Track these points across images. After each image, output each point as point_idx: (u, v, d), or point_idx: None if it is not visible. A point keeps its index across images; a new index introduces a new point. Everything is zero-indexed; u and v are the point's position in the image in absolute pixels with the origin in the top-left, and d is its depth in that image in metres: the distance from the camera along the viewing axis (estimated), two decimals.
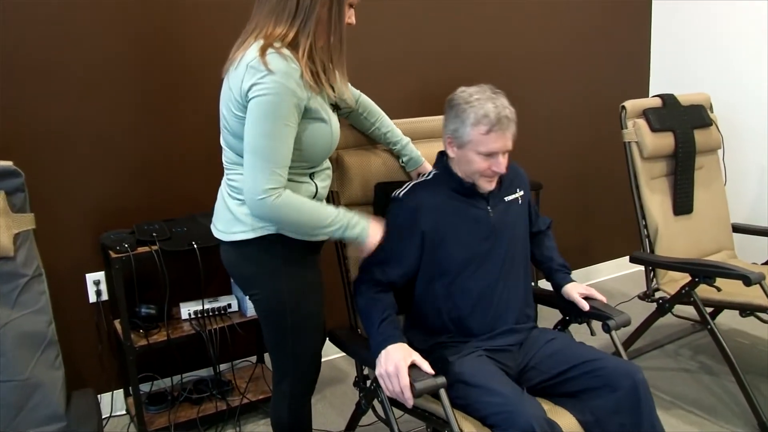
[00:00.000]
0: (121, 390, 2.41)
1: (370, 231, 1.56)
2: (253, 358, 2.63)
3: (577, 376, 1.55)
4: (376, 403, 1.70)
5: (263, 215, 1.47)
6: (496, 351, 1.66)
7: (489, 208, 1.70)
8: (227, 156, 1.55)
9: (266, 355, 2.59)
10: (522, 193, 1.79)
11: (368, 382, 1.74)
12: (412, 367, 1.45)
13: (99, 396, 2.34)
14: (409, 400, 1.42)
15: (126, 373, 2.30)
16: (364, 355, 1.62)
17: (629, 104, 2.59)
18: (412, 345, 1.52)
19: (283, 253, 1.54)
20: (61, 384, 1.65)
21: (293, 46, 1.45)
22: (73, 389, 1.70)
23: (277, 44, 1.42)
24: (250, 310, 2.28)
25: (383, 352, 1.48)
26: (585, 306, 1.70)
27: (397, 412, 1.63)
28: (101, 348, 2.34)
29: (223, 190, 1.59)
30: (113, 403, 2.38)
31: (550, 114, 3.26)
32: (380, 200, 1.83)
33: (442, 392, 1.45)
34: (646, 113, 2.58)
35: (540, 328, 1.78)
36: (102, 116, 2.23)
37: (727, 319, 2.93)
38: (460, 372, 1.55)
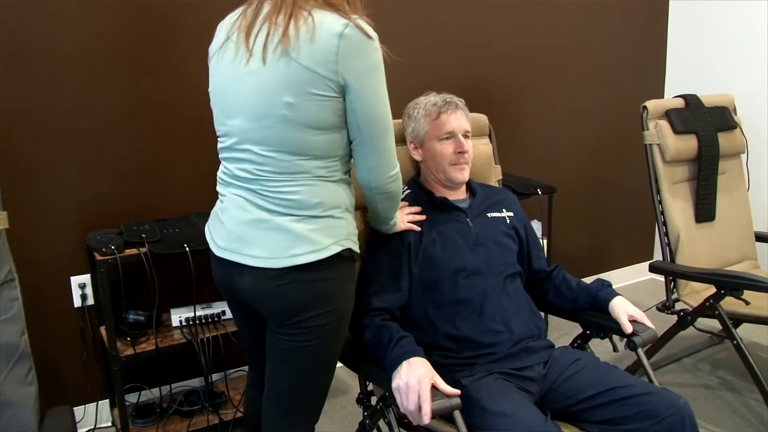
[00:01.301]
0: (107, 401, 2.28)
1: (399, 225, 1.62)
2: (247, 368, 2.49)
3: (607, 402, 1.42)
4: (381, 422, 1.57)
5: (392, 192, 1.39)
6: (515, 376, 1.53)
7: (468, 220, 1.70)
8: (280, 165, 1.28)
9: None
10: (511, 214, 1.77)
11: (373, 400, 1.61)
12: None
13: (83, 407, 2.23)
14: (426, 417, 1.29)
15: (112, 382, 2.16)
16: (371, 369, 1.49)
17: (651, 104, 2.45)
18: None
19: (352, 268, 1.38)
20: (33, 401, 1.51)
21: None
22: (56, 398, 1.58)
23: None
24: None
25: (404, 363, 1.36)
26: (629, 329, 1.58)
27: None
28: (86, 355, 2.21)
29: (258, 210, 1.31)
30: (98, 414, 2.26)
31: (563, 115, 3.16)
32: None
33: (457, 414, 1.33)
34: (668, 114, 2.45)
35: (561, 348, 1.66)
36: (88, 106, 2.10)
37: (746, 332, 2.80)
38: (476, 396, 1.42)
